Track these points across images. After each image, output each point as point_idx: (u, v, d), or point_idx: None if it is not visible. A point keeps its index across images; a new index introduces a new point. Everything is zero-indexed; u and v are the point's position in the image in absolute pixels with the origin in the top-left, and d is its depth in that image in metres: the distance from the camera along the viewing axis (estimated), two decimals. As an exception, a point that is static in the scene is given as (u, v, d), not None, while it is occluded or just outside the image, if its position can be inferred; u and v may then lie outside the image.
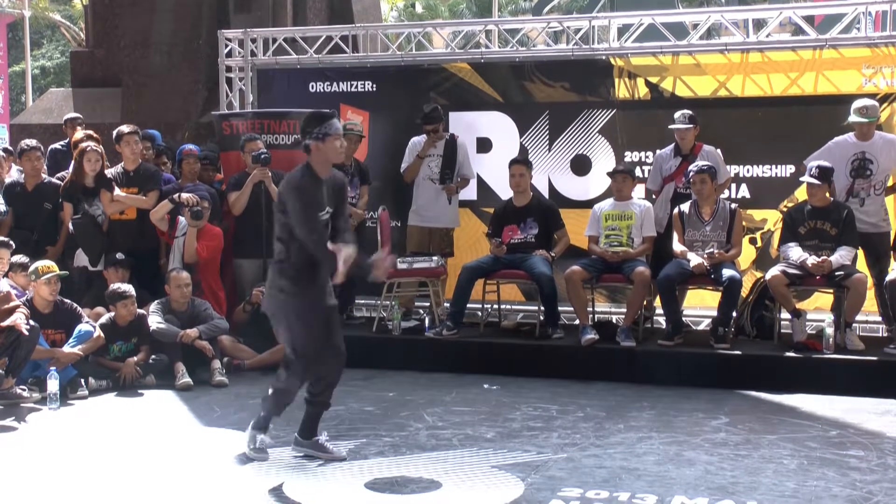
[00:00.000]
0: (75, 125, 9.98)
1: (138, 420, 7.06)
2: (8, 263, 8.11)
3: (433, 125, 9.53)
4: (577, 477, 5.44)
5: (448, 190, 9.51)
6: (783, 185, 9.26)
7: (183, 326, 8.22)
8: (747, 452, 5.99)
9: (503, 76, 10.16)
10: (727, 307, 8.36)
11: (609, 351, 8.39)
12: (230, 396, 7.70)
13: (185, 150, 9.67)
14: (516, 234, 9.06)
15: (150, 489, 5.34)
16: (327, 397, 5.95)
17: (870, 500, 5.03)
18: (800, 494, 5.12)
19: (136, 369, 8.05)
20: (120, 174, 9.07)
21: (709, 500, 5.00)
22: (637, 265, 8.52)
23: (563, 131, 9.92)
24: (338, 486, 5.34)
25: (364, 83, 10.57)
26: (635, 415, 7.01)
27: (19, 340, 7.27)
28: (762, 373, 7.98)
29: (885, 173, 8.48)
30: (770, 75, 9.33)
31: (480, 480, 5.43)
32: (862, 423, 6.73)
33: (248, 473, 5.62)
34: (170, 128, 11.81)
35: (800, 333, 8.14)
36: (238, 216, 9.28)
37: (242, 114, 10.39)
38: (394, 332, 9.16)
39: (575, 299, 8.65)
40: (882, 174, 8.45)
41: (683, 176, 8.85)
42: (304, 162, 5.88)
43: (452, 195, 9.57)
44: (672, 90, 9.59)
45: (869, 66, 9.04)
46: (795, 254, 8.15)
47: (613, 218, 8.85)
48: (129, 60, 12.79)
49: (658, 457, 5.89)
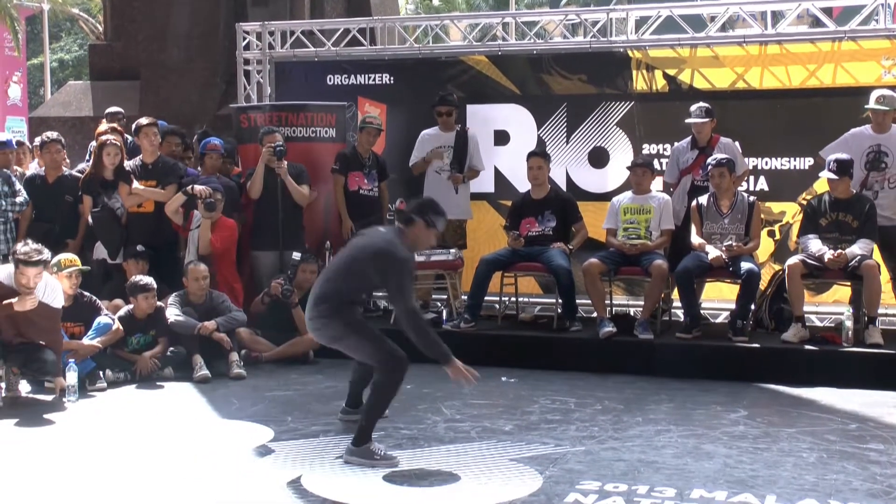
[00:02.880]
0: (115, 119, 9.97)
1: (156, 412, 7.09)
2: (40, 277, 7.79)
3: (447, 107, 9.54)
4: (595, 470, 5.44)
5: (454, 179, 9.50)
6: (802, 178, 9.22)
7: (201, 319, 8.24)
8: (766, 446, 5.97)
9: (520, 68, 10.14)
10: (745, 300, 8.33)
11: (627, 344, 8.38)
12: (248, 389, 7.72)
13: (209, 143, 9.68)
14: (534, 227, 9.05)
15: (168, 481, 5.36)
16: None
17: (890, 494, 5.01)
18: (819, 488, 5.10)
19: (153, 362, 8.07)
20: (138, 167, 9.10)
21: (728, 493, 4.99)
22: (655, 258, 8.51)
23: (581, 124, 9.90)
24: (356, 479, 5.35)
25: (381, 76, 10.57)
26: (653, 408, 7.00)
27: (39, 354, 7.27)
28: (781, 366, 7.96)
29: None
30: (788, 67, 9.29)
31: (499, 473, 5.43)
32: (881, 417, 6.70)
33: (266, 466, 5.64)
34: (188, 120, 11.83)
35: (792, 338, 8.11)
36: (255, 209, 9.31)
37: (260, 106, 10.41)
38: (411, 324, 9.15)
39: (593, 292, 8.64)
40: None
41: (701, 169, 8.82)
42: (395, 230, 6.02)
43: (458, 184, 9.55)
44: (690, 82, 9.56)
45: (888, 58, 8.99)
46: (815, 246, 8.11)
47: (632, 211, 8.83)
48: (147, 54, 12.84)
49: (676, 450, 5.88)
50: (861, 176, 8.41)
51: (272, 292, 8.65)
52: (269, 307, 8.74)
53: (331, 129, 9.95)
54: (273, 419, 6.65)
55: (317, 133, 9.93)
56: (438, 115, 9.61)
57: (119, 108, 10.27)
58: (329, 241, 9.72)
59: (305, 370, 8.42)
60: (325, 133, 9.95)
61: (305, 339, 8.67)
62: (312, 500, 4.95)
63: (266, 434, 6.28)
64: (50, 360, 7.18)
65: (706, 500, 4.86)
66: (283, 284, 8.59)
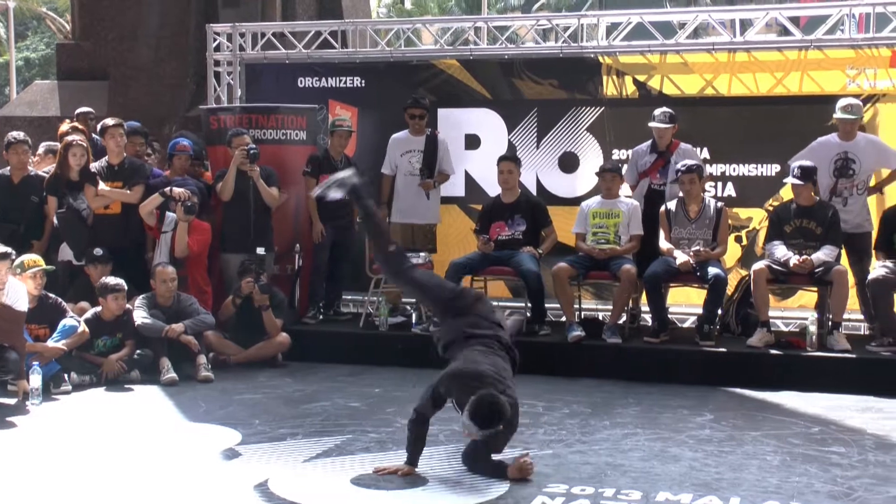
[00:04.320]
0: (86, 119, 9.90)
1: (123, 415, 7.05)
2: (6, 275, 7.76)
3: (419, 109, 9.56)
4: (562, 473, 5.46)
5: (425, 185, 9.53)
6: (768, 184, 9.31)
7: (168, 321, 8.21)
8: (731, 449, 6.03)
9: (492, 73, 10.18)
10: (713, 305, 8.40)
11: (595, 348, 8.42)
12: (216, 392, 7.70)
13: (178, 145, 9.64)
14: (504, 231, 9.08)
15: (135, 485, 5.34)
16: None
17: (851, 496, 5.07)
18: (782, 490, 5.15)
19: (120, 365, 8.03)
20: (104, 168, 9.03)
21: (693, 495, 5.03)
22: (623, 262, 8.56)
23: (552, 129, 9.95)
24: (323, 482, 5.35)
25: (353, 79, 10.57)
26: (621, 411, 7.04)
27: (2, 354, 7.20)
28: (747, 370, 8.04)
29: (867, 173, 8.56)
30: (756, 75, 9.39)
31: (466, 476, 5.44)
32: (843, 420, 6.79)
33: (233, 469, 5.62)
34: (158, 121, 11.78)
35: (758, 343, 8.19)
36: (225, 212, 9.28)
37: (230, 108, 10.38)
38: (381, 327, 9.18)
39: (562, 296, 8.68)
40: (865, 174, 8.53)
41: (659, 172, 8.93)
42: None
43: (429, 190, 9.58)
44: (660, 88, 9.64)
45: (853, 67, 9.11)
46: (780, 252, 8.20)
47: (601, 216, 8.88)
48: (116, 53, 12.75)
49: (643, 453, 5.92)
50: (830, 183, 8.51)
51: (243, 292, 8.62)
52: (239, 309, 8.71)
53: (301, 131, 9.94)
54: (241, 422, 6.64)
55: (287, 135, 9.91)
56: (411, 117, 9.63)
57: (89, 108, 10.20)
58: (299, 244, 9.73)
59: (274, 373, 8.41)
60: (295, 136, 9.93)
61: (274, 341, 8.69)
62: (279, 502, 4.95)
63: (233, 437, 6.27)
64: (12, 360, 7.13)
65: (672, 503, 4.89)
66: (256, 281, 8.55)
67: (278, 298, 8.79)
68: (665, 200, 8.84)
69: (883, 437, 6.34)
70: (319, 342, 9.10)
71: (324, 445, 6.07)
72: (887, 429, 6.57)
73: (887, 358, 7.90)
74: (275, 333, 8.69)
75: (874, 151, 8.55)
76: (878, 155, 8.57)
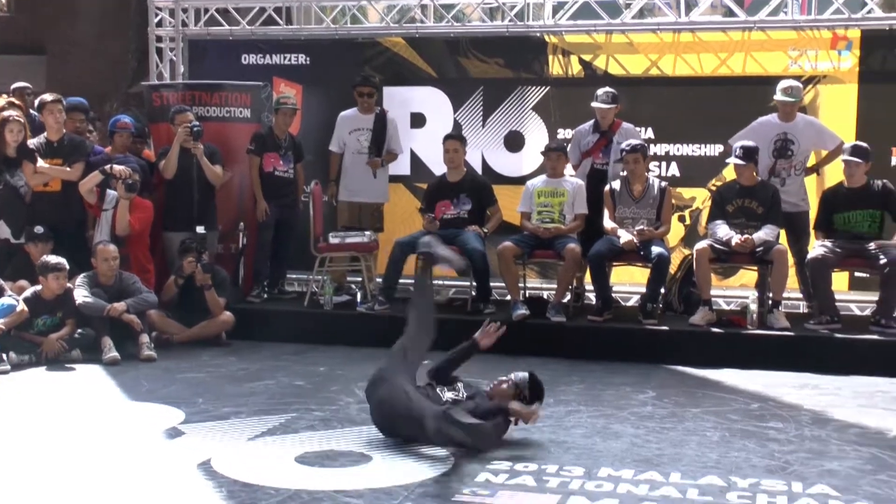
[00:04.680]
0: (23, 94, 9.71)
1: (64, 395, 6.97)
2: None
3: (369, 87, 9.53)
4: (505, 450, 5.48)
5: (372, 164, 9.50)
6: (712, 164, 9.42)
7: (110, 300, 8.12)
8: (672, 425, 6.10)
9: (438, 51, 10.17)
10: (656, 283, 8.48)
11: (540, 326, 8.47)
12: (159, 371, 7.64)
13: (119, 122, 9.52)
14: (449, 210, 9.09)
15: (75, 464, 5.29)
16: None
17: (787, 469, 5.16)
18: (721, 465, 5.22)
19: (61, 344, 7.93)
20: (43, 145, 8.87)
21: (634, 471, 5.08)
22: (568, 242, 8.60)
23: (497, 107, 9.98)
24: (267, 460, 5.33)
25: (297, 56, 10.51)
26: (564, 389, 7.09)
27: None
28: (688, 348, 8.13)
29: (805, 154, 8.69)
30: (700, 55, 9.49)
31: (410, 454, 5.45)
32: (782, 397, 6.90)
33: (176, 448, 5.59)
34: (99, 97, 11.61)
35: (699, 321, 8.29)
36: (168, 190, 9.19)
37: (173, 85, 10.28)
38: (325, 306, 9.16)
39: (507, 275, 8.71)
40: (803, 155, 8.66)
41: (601, 152, 8.98)
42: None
43: (376, 168, 9.55)
44: (605, 68, 9.69)
45: (794, 49, 9.23)
46: (722, 231, 8.29)
47: (546, 195, 8.91)
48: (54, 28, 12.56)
49: (586, 430, 5.97)
50: (769, 163, 8.62)
51: (185, 272, 8.55)
52: (182, 288, 8.64)
53: (245, 109, 9.86)
54: (184, 401, 6.60)
55: (231, 113, 9.83)
56: (360, 95, 9.58)
57: (26, 84, 10.02)
58: (243, 223, 9.67)
59: (217, 352, 8.37)
60: (239, 113, 9.85)
61: (218, 320, 8.64)
62: (223, 481, 4.92)
63: (177, 416, 6.22)
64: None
65: (613, 479, 4.94)
66: (198, 260, 8.49)
67: (220, 277, 8.73)
68: (608, 180, 8.90)
69: (819, 413, 6.45)
70: (264, 321, 9.07)
71: (268, 424, 6.04)
72: (823, 404, 6.69)
73: (825, 336, 8.03)
74: (218, 312, 8.64)
75: (812, 133, 8.68)
76: (816, 136, 8.70)
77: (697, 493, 4.74)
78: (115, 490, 4.82)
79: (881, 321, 8.02)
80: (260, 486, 4.82)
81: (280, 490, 4.74)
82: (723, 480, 4.93)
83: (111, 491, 4.80)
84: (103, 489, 4.83)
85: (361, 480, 4.92)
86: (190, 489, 4.83)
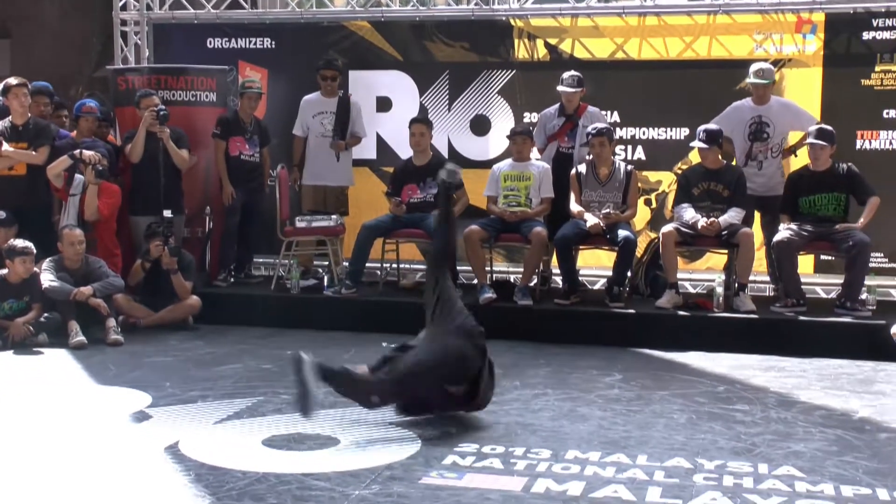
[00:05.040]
0: None
1: (30, 379, 6.93)
2: None
3: (332, 71, 9.51)
4: (473, 433, 5.50)
5: (336, 146, 9.47)
6: (678, 148, 9.46)
7: (77, 284, 8.07)
8: (639, 408, 6.13)
9: (403, 35, 10.14)
10: (622, 267, 8.52)
11: (507, 310, 8.48)
12: (126, 355, 7.61)
13: (84, 106, 9.43)
14: (416, 194, 9.09)
15: (42, 448, 5.26)
16: None
17: (753, 451, 5.20)
18: (688, 447, 5.26)
19: (27, 328, 7.88)
20: (7, 128, 8.77)
21: (601, 453, 5.11)
22: (534, 225, 8.62)
23: (463, 91, 9.97)
24: (235, 443, 5.32)
25: (263, 40, 10.45)
26: (532, 372, 7.12)
27: None
28: (655, 331, 8.17)
29: (781, 136, 8.72)
30: (666, 39, 9.51)
31: (378, 437, 5.47)
32: (748, 379, 6.96)
33: (143, 431, 5.57)
34: (63, 81, 11.50)
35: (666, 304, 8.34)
36: (134, 174, 9.14)
37: (138, 69, 10.20)
38: (292, 290, 9.14)
39: (473, 259, 8.72)
40: (779, 137, 8.69)
41: (567, 136, 9.01)
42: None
43: (340, 151, 9.52)
44: (571, 52, 9.70)
45: (760, 32, 9.27)
46: (688, 214, 8.34)
47: (512, 178, 8.92)
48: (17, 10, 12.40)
49: (553, 413, 6.00)
50: (745, 147, 8.67)
51: (152, 255, 8.50)
52: (149, 273, 8.59)
53: (211, 93, 9.80)
54: (151, 385, 6.57)
55: (197, 97, 9.76)
56: (323, 78, 9.55)
57: None
58: (209, 207, 9.62)
59: (184, 336, 8.34)
60: (205, 97, 9.79)
61: (184, 304, 8.61)
62: (190, 464, 4.91)
63: (144, 400, 6.20)
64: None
65: (580, 461, 4.97)
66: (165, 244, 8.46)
67: (186, 260, 8.69)
68: (574, 163, 8.92)
69: (785, 395, 6.51)
70: (231, 305, 9.05)
71: (235, 407, 6.03)
72: (789, 386, 6.76)
73: (790, 318, 8.09)
74: (185, 296, 8.60)
75: (788, 114, 8.72)
76: (791, 118, 8.74)
77: (664, 475, 4.77)
78: (82, 474, 4.80)
79: (846, 304, 8.10)
80: (227, 469, 4.81)
81: (248, 473, 4.74)
82: (689, 462, 4.97)
83: (78, 474, 4.78)
84: (70, 473, 4.80)
85: (329, 463, 4.93)
86: (157, 472, 4.82)
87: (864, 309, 8.09)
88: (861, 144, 9.09)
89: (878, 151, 9.08)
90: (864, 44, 9.10)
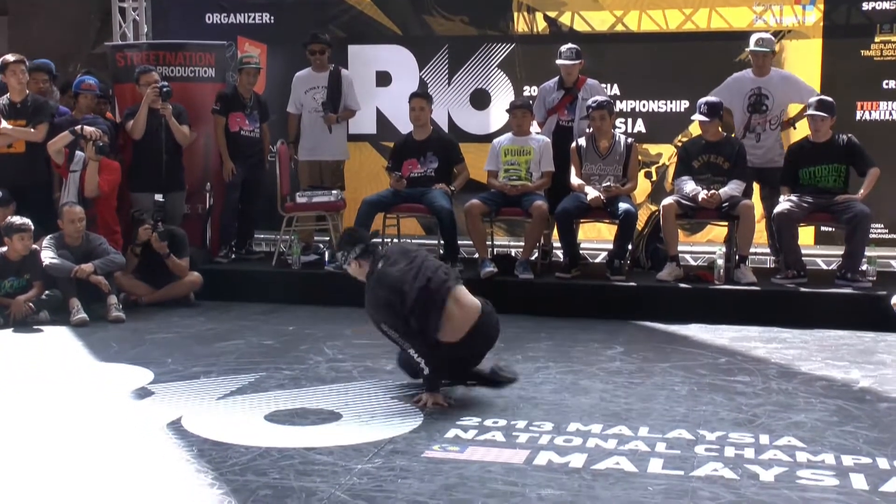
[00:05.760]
0: None
1: (32, 357, 6.94)
2: None
3: (319, 45, 9.48)
4: (475, 407, 5.52)
5: (328, 119, 9.45)
6: (678, 120, 9.45)
7: (77, 261, 8.07)
8: (641, 380, 6.15)
9: (403, 9, 10.12)
10: (623, 240, 8.52)
11: (508, 283, 8.49)
12: (127, 332, 7.62)
13: (83, 83, 9.40)
14: (416, 168, 9.07)
15: (45, 426, 5.27)
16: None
17: (754, 422, 5.22)
18: (690, 419, 5.28)
19: (28, 306, 7.89)
20: (6, 106, 8.76)
21: (603, 426, 5.12)
22: (535, 199, 8.61)
23: (463, 65, 9.95)
24: (237, 419, 5.34)
25: (262, 15, 10.43)
26: (533, 346, 7.13)
27: None
28: (656, 304, 8.18)
29: (780, 108, 8.69)
30: (665, 11, 9.48)
31: (380, 411, 5.48)
32: (749, 351, 6.97)
33: (146, 407, 5.58)
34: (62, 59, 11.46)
35: (667, 277, 8.34)
36: (136, 151, 9.12)
37: (137, 45, 10.16)
38: (293, 266, 9.15)
39: (474, 233, 8.72)
40: (778, 109, 8.66)
41: (566, 109, 8.98)
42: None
43: (332, 124, 9.49)
44: (570, 25, 9.68)
45: (759, 4, 9.24)
46: (689, 187, 8.33)
47: (512, 153, 8.90)
48: (14, -13, 12.38)
49: (555, 386, 6.01)
50: (744, 118, 8.65)
51: (140, 239, 8.51)
52: (143, 256, 8.59)
53: (210, 68, 9.77)
54: (153, 361, 6.58)
55: (196, 73, 9.74)
56: (311, 53, 9.53)
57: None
58: (210, 183, 9.62)
59: (186, 312, 8.35)
60: (204, 73, 9.77)
61: (185, 281, 8.62)
62: (193, 440, 4.93)
63: (146, 376, 6.22)
64: None
65: (582, 433, 4.98)
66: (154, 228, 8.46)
67: (178, 238, 8.66)
68: (573, 137, 8.90)
69: (785, 366, 6.52)
70: (232, 281, 9.06)
71: (238, 383, 6.05)
72: (789, 358, 6.77)
73: (791, 290, 8.10)
74: (183, 274, 8.61)
75: (787, 86, 8.69)
76: (791, 90, 8.70)
77: (666, 446, 4.78)
78: (84, 450, 4.81)
79: (847, 275, 8.10)
80: (230, 444, 4.82)
81: (250, 448, 4.75)
82: (691, 434, 4.98)
83: (81, 451, 4.79)
84: (72, 449, 4.82)
85: (331, 438, 4.94)
86: (160, 448, 4.83)
87: (865, 280, 8.10)
88: (861, 115, 9.08)
89: (878, 122, 9.07)
90: (864, 14, 9.08)
